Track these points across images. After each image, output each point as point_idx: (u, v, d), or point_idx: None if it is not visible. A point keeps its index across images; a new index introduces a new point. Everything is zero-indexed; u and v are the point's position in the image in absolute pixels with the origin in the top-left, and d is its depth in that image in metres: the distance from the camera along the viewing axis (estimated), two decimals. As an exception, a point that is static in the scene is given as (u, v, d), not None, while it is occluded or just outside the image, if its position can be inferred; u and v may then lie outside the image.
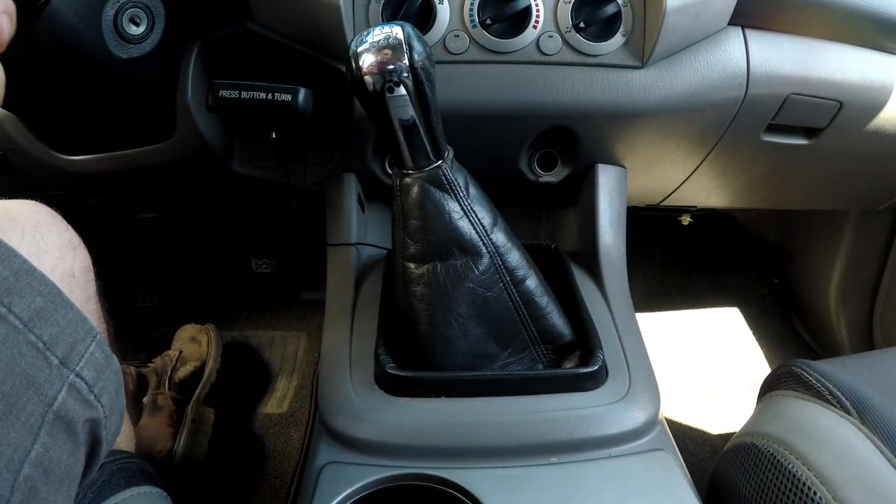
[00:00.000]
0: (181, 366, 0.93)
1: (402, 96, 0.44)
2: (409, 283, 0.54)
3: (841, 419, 0.50)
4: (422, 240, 0.52)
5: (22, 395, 0.37)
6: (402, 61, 0.43)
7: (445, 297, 0.53)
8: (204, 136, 0.68)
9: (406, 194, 0.52)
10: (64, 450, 0.39)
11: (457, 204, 0.52)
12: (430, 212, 0.51)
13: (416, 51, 0.43)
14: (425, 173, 0.51)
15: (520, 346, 0.57)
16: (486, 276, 0.54)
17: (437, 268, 0.53)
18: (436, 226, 0.52)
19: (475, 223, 0.53)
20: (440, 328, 0.54)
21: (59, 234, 0.50)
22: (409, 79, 0.44)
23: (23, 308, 0.38)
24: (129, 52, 0.59)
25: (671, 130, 0.70)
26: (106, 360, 0.44)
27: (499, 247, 0.54)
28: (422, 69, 0.44)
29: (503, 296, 0.55)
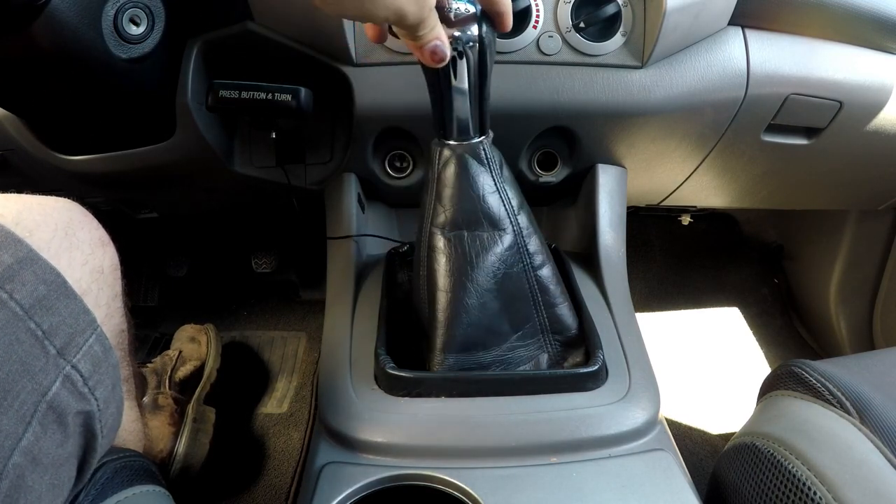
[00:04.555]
0: (181, 365, 0.93)
1: (462, 69, 0.48)
2: (434, 249, 0.55)
3: (841, 419, 0.50)
4: (453, 208, 0.54)
5: (17, 382, 0.37)
6: (472, 31, 0.46)
7: (469, 265, 0.54)
8: (204, 136, 0.68)
9: (444, 164, 0.53)
10: (53, 440, 0.40)
11: (491, 179, 0.54)
12: (465, 183, 0.53)
13: (485, 25, 0.47)
14: (467, 146, 0.53)
15: (530, 331, 0.58)
16: (509, 252, 0.55)
17: (464, 236, 0.54)
18: (469, 196, 0.53)
19: (505, 201, 0.55)
20: (460, 294, 0.55)
21: (91, 232, 0.51)
22: (474, 49, 0.47)
23: (24, 295, 0.38)
24: (129, 52, 0.59)
25: (671, 130, 0.70)
26: (104, 353, 0.44)
27: (523, 228, 0.56)
28: (487, 42, 0.47)
29: (522, 277, 0.56)
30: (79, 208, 0.52)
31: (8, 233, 0.40)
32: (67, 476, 0.43)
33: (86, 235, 0.49)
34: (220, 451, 0.88)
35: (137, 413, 0.69)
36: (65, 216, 0.48)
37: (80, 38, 0.54)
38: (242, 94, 0.61)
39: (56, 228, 0.46)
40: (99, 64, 0.57)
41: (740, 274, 1.38)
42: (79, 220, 0.50)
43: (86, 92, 0.61)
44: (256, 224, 1.24)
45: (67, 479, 0.43)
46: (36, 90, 0.61)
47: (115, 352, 0.47)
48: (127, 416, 0.64)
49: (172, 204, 0.96)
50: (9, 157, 0.77)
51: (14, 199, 0.46)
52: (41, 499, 0.39)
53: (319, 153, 0.76)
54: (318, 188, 0.76)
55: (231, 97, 0.61)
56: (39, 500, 0.39)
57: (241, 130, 0.76)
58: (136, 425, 0.68)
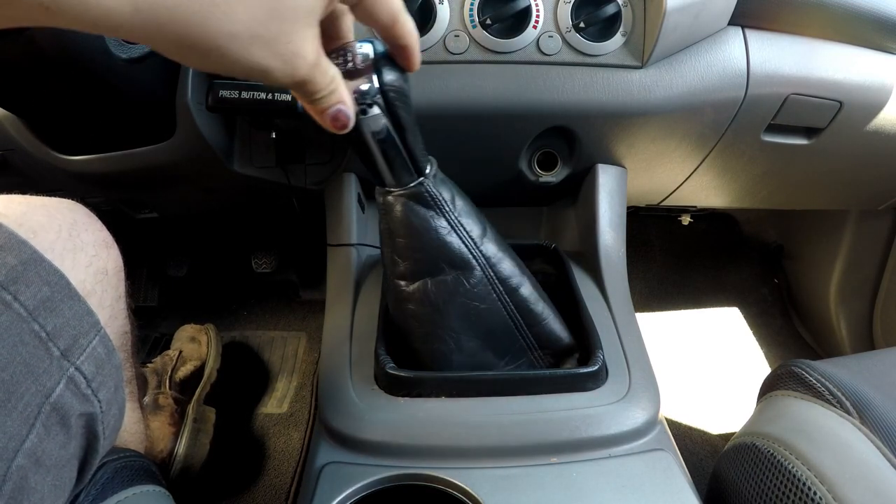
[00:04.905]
0: (181, 365, 0.93)
1: (377, 115, 0.43)
2: (400, 300, 0.54)
3: (841, 419, 0.50)
4: (410, 258, 0.51)
5: (21, 384, 0.37)
6: (372, 84, 0.41)
7: (437, 313, 0.53)
8: (204, 136, 0.68)
9: (390, 213, 0.50)
10: (56, 442, 0.40)
11: (443, 219, 0.51)
12: (417, 229, 0.50)
13: (385, 73, 0.41)
14: (408, 191, 0.49)
15: (517, 354, 0.57)
16: (478, 288, 0.53)
17: (428, 284, 0.52)
18: (423, 243, 0.51)
19: (463, 237, 0.52)
20: (434, 344, 0.54)
21: (95, 234, 0.51)
22: (381, 101, 0.42)
23: (28, 297, 0.38)
24: (129, 51, 0.59)
25: (671, 130, 0.70)
26: (108, 355, 0.44)
27: (489, 258, 0.53)
28: (392, 91, 0.42)
29: (497, 306, 0.54)
30: (83, 210, 0.52)
31: (12, 234, 0.40)
32: (69, 477, 0.43)
33: (90, 237, 0.49)
34: (220, 451, 0.88)
35: (139, 414, 0.69)
36: (69, 218, 0.48)
37: (80, 38, 0.54)
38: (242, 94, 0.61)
39: (60, 230, 0.46)
40: (99, 64, 0.57)
41: (740, 274, 1.38)
42: (83, 222, 0.50)
43: (86, 92, 0.61)
44: (256, 224, 1.24)
45: (69, 480, 0.43)
46: (36, 90, 0.61)
47: (118, 353, 0.47)
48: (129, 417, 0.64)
49: (172, 204, 0.96)
50: (9, 157, 0.77)
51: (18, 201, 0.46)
52: (44, 500, 0.39)
53: (319, 153, 0.76)
54: (318, 188, 0.76)
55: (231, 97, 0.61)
56: (42, 501, 0.39)
57: (241, 130, 0.76)
58: (137, 426, 0.68)
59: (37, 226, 0.44)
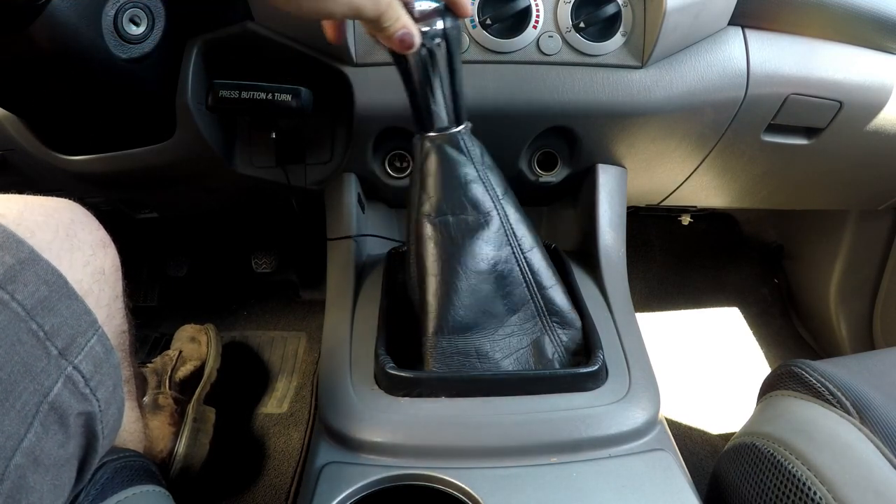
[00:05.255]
0: (181, 365, 0.93)
1: (437, 55, 0.50)
2: (422, 237, 0.56)
3: (841, 419, 0.50)
4: (437, 195, 0.55)
5: (19, 383, 0.37)
6: (437, 26, 0.48)
7: (457, 248, 0.55)
8: (204, 136, 0.68)
9: (426, 155, 0.55)
10: (55, 441, 0.40)
11: (472, 168, 0.56)
12: (447, 171, 0.55)
13: (448, 19, 0.49)
14: (444, 136, 0.55)
15: (528, 314, 0.58)
16: (496, 236, 0.56)
17: (450, 221, 0.55)
18: (451, 183, 0.55)
19: (488, 188, 0.56)
20: (449, 277, 0.55)
21: (92, 233, 0.51)
22: (441, 45, 0.49)
23: (26, 296, 0.38)
24: (128, 52, 0.59)
25: (671, 130, 0.70)
26: (106, 354, 0.44)
27: (509, 214, 0.57)
28: (452, 36, 0.50)
29: (511, 259, 0.57)
30: (80, 209, 0.52)
31: (9, 233, 0.40)
32: (68, 476, 0.43)
33: (87, 236, 0.49)
34: (220, 451, 0.88)
35: (138, 413, 0.69)
36: (66, 217, 0.48)
37: (79, 38, 0.54)
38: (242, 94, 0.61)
39: (58, 229, 0.46)
40: (99, 64, 0.57)
41: (740, 274, 1.38)
42: (80, 221, 0.50)
43: (86, 92, 0.61)
44: (256, 224, 1.24)
45: (68, 480, 0.43)
46: (36, 90, 0.61)
47: (116, 352, 0.47)
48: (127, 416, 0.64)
49: (172, 204, 0.96)
50: (9, 157, 0.77)
51: (15, 200, 0.46)
52: (42, 499, 0.39)
53: (319, 153, 0.76)
54: (318, 188, 0.76)
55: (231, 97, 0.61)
56: (41, 500, 0.39)
57: (241, 130, 0.76)
58: (136, 426, 0.68)
59: (34, 225, 0.44)
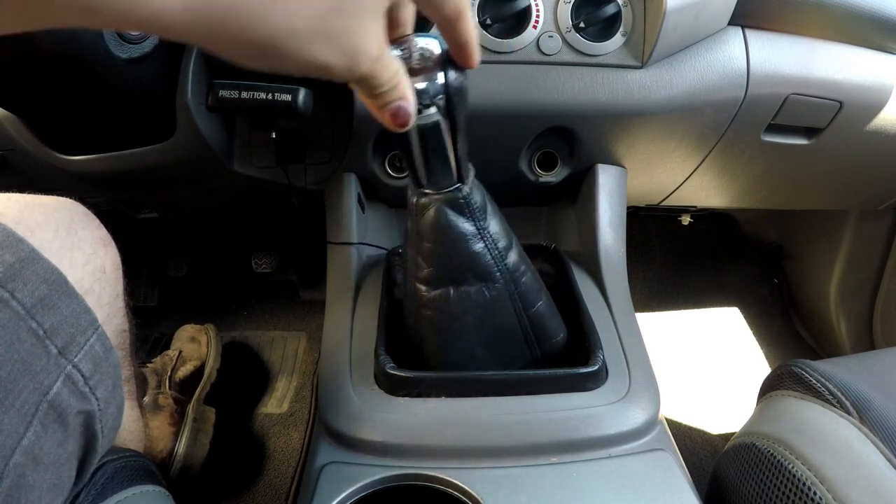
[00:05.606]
0: (181, 365, 0.93)
1: (432, 114, 0.40)
2: (420, 305, 0.53)
3: (841, 419, 0.50)
4: (436, 263, 0.51)
5: (18, 381, 0.37)
6: (437, 81, 0.39)
7: (457, 322, 0.52)
8: (204, 136, 0.68)
9: (422, 215, 0.49)
10: (54, 440, 0.40)
11: (473, 227, 0.49)
12: (447, 236, 0.49)
13: (451, 70, 0.39)
14: (445, 195, 0.48)
15: (522, 366, 0.57)
16: (498, 302, 0.53)
17: (450, 293, 0.51)
18: (451, 251, 0.50)
19: (491, 247, 0.51)
20: (450, 354, 0.54)
21: (93, 232, 0.51)
22: (441, 101, 0.40)
23: (26, 294, 0.38)
24: (128, 51, 0.59)
25: (671, 130, 0.70)
26: (105, 353, 0.44)
27: (513, 272, 0.52)
28: (456, 92, 0.40)
29: (513, 320, 0.54)
30: (81, 208, 0.52)
31: (10, 232, 0.40)
32: (68, 475, 0.43)
33: (88, 235, 0.49)
34: (220, 451, 0.88)
35: (138, 413, 0.69)
36: (66, 216, 0.48)
37: (79, 37, 0.54)
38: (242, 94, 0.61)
39: (58, 228, 0.46)
40: (99, 64, 0.57)
41: (740, 274, 1.38)
42: (80, 220, 0.50)
43: (86, 92, 0.61)
44: (256, 224, 1.24)
45: (68, 479, 0.43)
46: (36, 90, 0.61)
47: (116, 352, 0.47)
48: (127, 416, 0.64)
49: (172, 204, 0.96)
50: (9, 157, 0.77)
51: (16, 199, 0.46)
52: (42, 498, 0.39)
53: (319, 153, 0.76)
54: (318, 188, 0.76)
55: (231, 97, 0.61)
56: (40, 499, 0.39)
57: (240, 130, 0.76)
58: (136, 425, 0.68)
59: (34, 224, 0.44)
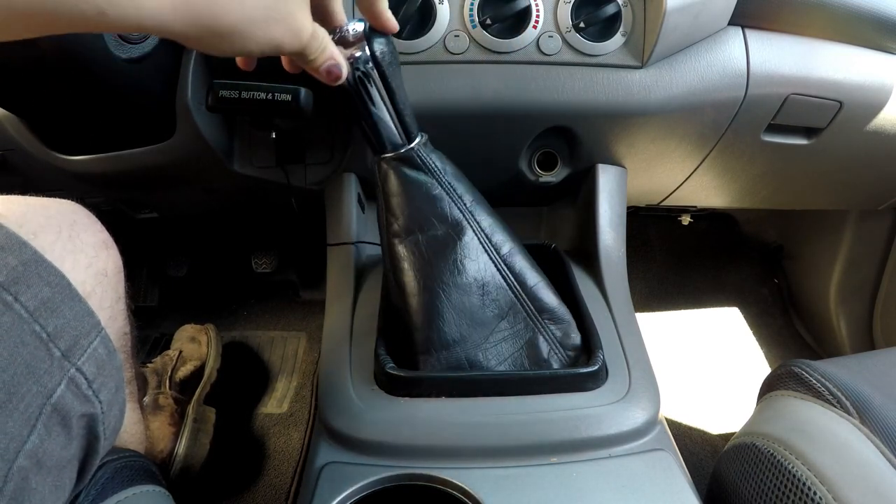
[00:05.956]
0: (181, 365, 0.93)
1: (370, 81, 0.49)
2: (395, 258, 0.55)
3: (841, 419, 0.50)
4: (402, 214, 0.54)
5: (22, 385, 0.37)
6: (364, 52, 0.47)
7: (432, 266, 0.54)
8: (204, 136, 0.68)
9: (385, 177, 0.54)
10: (57, 443, 0.40)
11: (435, 181, 0.54)
12: (408, 189, 0.54)
13: (376, 42, 0.48)
14: (400, 154, 0.54)
15: (518, 317, 0.57)
16: (470, 247, 0.55)
17: (419, 239, 0.54)
18: (414, 201, 0.54)
19: (455, 199, 0.55)
20: (427, 296, 0.54)
21: (94, 234, 0.51)
22: (372, 68, 0.48)
23: (29, 297, 0.38)
24: (129, 52, 0.59)
25: (671, 130, 0.70)
26: (108, 356, 0.44)
27: (481, 222, 0.56)
28: (383, 57, 0.48)
29: (490, 266, 0.56)
30: (83, 210, 0.52)
31: (12, 235, 0.40)
32: (69, 477, 0.43)
33: (90, 238, 0.49)
34: (220, 451, 0.88)
35: (139, 414, 0.69)
36: (69, 218, 0.48)
37: (79, 38, 0.54)
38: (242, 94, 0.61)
39: (60, 231, 0.46)
40: (99, 64, 0.57)
41: (740, 274, 1.38)
42: (83, 223, 0.50)
43: (86, 92, 0.61)
44: (256, 224, 1.24)
45: (69, 481, 0.43)
46: (36, 90, 0.61)
47: (118, 354, 0.47)
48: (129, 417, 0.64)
49: (172, 204, 0.96)
50: (9, 157, 0.77)
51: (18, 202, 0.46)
52: (44, 500, 0.39)
53: (319, 153, 0.76)
54: (318, 188, 0.76)
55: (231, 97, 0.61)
56: (43, 501, 0.39)
57: (241, 130, 0.76)
58: (137, 427, 0.68)
59: (37, 227, 0.44)
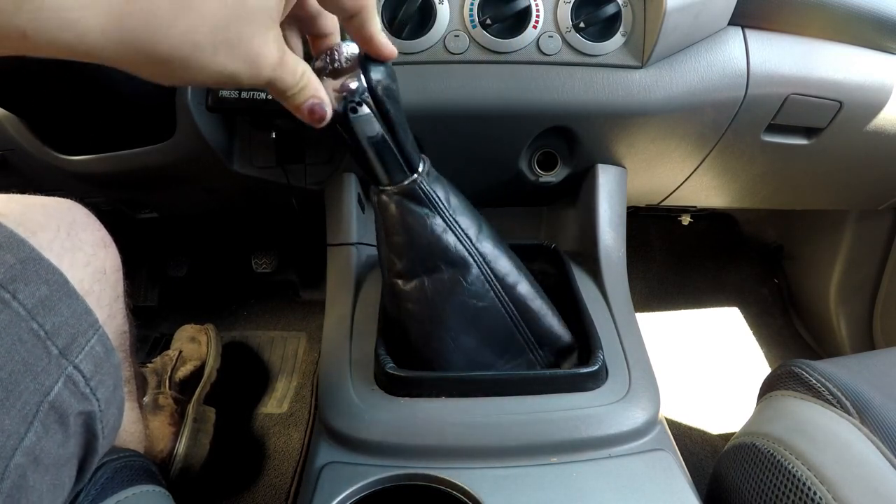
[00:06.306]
0: (181, 365, 0.93)
1: (367, 115, 0.43)
2: (399, 299, 0.54)
3: (841, 419, 0.50)
4: (406, 255, 0.51)
5: (20, 382, 0.37)
6: (360, 82, 0.41)
7: (435, 311, 0.52)
8: (204, 136, 0.68)
9: (386, 211, 0.50)
10: (55, 441, 0.40)
11: (438, 217, 0.51)
12: (412, 227, 0.50)
13: (372, 70, 0.42)
14: (401, 188, 0.49)
15: (516, 352, 0.57)
16: (475, 286, 0.53)
17: (425, 283, 0.52)
18: (418, 241, 0.50)
19: (459, 235, 0.52)
20: (433, 343, 0.54)
21: (93, 233, 0.51)
22: (369, 98, 0.42)
23: (27, 295, 0.38)
24: (129, 52, 0.58)
25: (671, 130, 0.70)
26: (106, 354, 0.44)
27: (486, 255, 0.53)
28: (381, 88, 0.43)
29: (495, 304, 0.54)
30: (81, 209, 0.52)
31: (11, 233, 0.40)
32: (68, 476, 0.43)
33: (88, 236, 0.49)
34: (220, 451, 0.88)
35: (138, 414, 0.69)
36: (67, 217, 0.48)
37: (80, 38, 0.54)
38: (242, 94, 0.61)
39: (59, 229, 0.46)
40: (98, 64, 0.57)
41: (740, 274, 1.38)
42: (81, 221, 0.50)
43: (86, 92, 0.61)
44: (256, 224, 1.24)
45: (68, 479, 0.43)
46: (36, 90, 0.61)
47: (117, 353, 0.47)
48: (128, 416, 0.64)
49: (172, 204, 0.96)
50: (9, 157, 0.77)
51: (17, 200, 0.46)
52: (42, 499, 0.39)
53: (319, 153, 0.76)
54: (318, 188, 0.76)
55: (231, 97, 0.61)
56: (40, 500, 0.39)
57: (241, 130, 0.76)
58: (137, 426, 0.68)
59: (35, 225, 0.44)
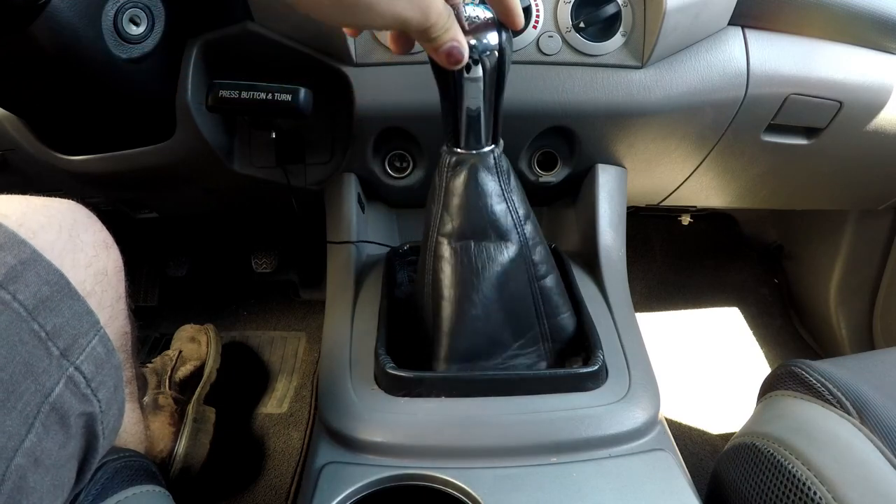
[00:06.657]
0: (181, 365, 0.93)
1: (478, 77, 0.45)
2: (440, 259, 0.54)
3: (841, 419, 0.50)
4: (461, 217, 0.53)
5: (20, 383, 0.37)
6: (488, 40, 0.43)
7: (475, 276, 0.54)
8: (204, 136, 0.68)
9: (454, 172, 0.52)
10: (55, 441, 0.40)
11: (499, 188, 0.53)
12: (474, 192, 0.52)
13: (504, 32, 0.44)
14: (478, 155, 0.51)
15: (531, 340, 0.57)
16: (514, 263, 0.54)
17: (471, 246, 0.53)
18: (477, 206, 0.52)
19: (511, 210, 0.54)
20: (465, 305, 0.54)
21: (95, 234, 0.51)
22: (491, 57, 0.44)
23: (28, 296, 0.38)
24: (128, 52, 0.59)
25: (671, 130, 0.70)
26: (107, 355, 0.44)
27: (529, 238, 0.55)
28: (507, 52, 0.45)
29: (526, 287, 0.56)
30: (83, 210, 0.52)
31: (12, 234, 0.40)
32: (68, 477, 0.43)
33: (90, 237, 0.49)
34: (220, 451, 0.88)
35: (139, 415, 0.69)
36: (69, 218, 0.48)
37: (79, 37, 0.54)
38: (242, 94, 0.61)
39: (60, 230, 0.46)
40: (99, 64, 0.57)
41: (740, 274, 1.38)
42: (83, 222, 0.50)
43: (86, 92, 0.61)
44: (256, 224, 1.24)
45: (68, 480, 0.43)
46: (36, 90, 0.61)
47: (118, 353, 0.47)
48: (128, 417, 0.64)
49: (172, 204, 0.96)
50: (9, 157, 0.77)
51: (18, 201, 0.46)
52: (42, 499, 0.39)
53: (319, 153, 0.76)
54: (318, 188, 0.76)
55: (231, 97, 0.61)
56: (41, 501, 0.39)
57: (241, 130, 0.76)
58: (137, 427, 0.68)
59: (37, 226, 0.44)
